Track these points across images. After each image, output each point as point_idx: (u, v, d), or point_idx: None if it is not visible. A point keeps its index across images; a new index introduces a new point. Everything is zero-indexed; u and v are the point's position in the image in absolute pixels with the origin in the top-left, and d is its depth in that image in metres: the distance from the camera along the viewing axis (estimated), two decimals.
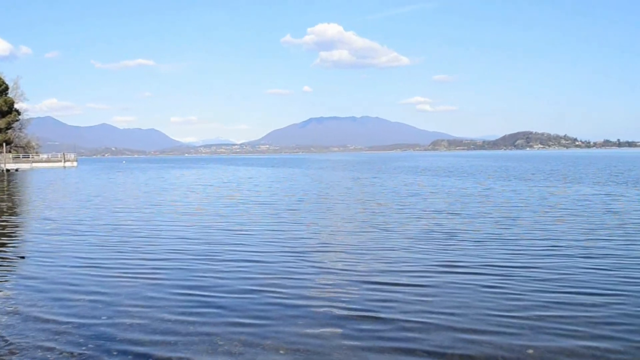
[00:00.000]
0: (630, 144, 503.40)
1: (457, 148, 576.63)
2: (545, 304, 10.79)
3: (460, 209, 27.41)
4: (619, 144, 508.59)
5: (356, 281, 12.80)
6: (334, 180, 57.74)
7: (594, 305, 10.64)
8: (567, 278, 12.78)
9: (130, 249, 17.52)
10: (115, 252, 16.96)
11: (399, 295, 11.53)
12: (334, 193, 39.80)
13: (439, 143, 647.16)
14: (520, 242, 17.72)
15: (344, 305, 10.85)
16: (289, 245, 17.67)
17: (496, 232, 19.68)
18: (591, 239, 17.91)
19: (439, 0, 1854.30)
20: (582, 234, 19.12)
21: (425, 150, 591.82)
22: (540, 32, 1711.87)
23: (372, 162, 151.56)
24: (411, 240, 18.28)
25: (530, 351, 8.48)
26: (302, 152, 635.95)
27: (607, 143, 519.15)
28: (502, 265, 14.27)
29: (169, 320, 9.99)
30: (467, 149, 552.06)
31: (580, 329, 9.36)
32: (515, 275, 13.16)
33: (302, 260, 15.21)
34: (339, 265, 14.55)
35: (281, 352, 8.55)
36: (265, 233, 20.30)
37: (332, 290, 12.02)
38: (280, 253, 16.30)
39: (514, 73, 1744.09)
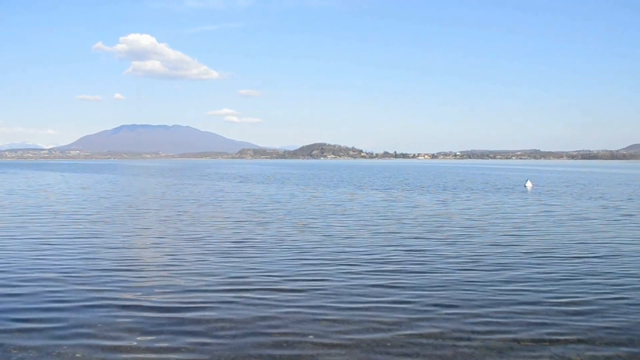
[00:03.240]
0: (404, 155, 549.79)
1: (262, 157, 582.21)
2: (323, 323, 9.42)
3: (261, 216, 25.87)
4: (396, 155, 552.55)
5: (128, 306, 10.38)
6: (143, 187, 53.42)
7: (383, 322, 9.48)
8: (357, 292, 11.59)
9: None
10: None
11: (162, 321, 9.44)
12: (140, 200, 36.21)
13: (245, 152, 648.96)
14: (313, 250, 16.51)
15: (95, 342, 8.46)
16: (62, 265, 14.29)
17: (291, 240, 18.34)
18: (376, 246, 17.29)
19: (245, 20, 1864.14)
20: (369, 240, 18.50)
21: (232, 158, 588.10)
22: (331, 54, 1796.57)
23: (183, 169, 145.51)
24: (204, 253, 16.10)
25: None
26: (114, 158, 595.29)
27: (386, 154, 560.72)
28: (294, 278, 12.78)
29: None
30: (271, 158, 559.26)
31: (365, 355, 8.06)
32: (305, 289, 11.71)
33: (71, 284, 12.15)
34: (109, 288, 11.80)
35: None
36: (45, 252, 16.53)
37: (88, 319, 9.45)
38: (46, 278, 12.84)
39: (311, 89, 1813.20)
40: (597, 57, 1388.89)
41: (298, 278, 12.84)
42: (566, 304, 10.66)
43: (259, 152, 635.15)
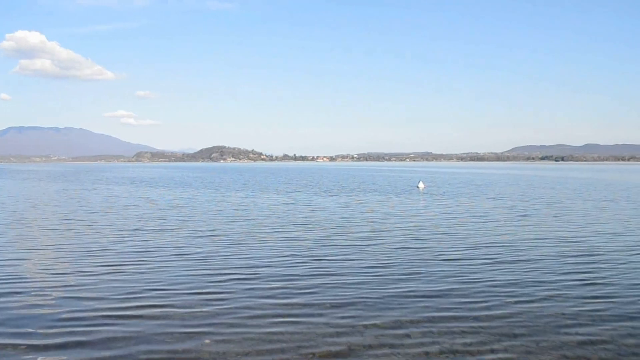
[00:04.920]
0: (303, 158, 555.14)
1: (160, 160, 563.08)
2: (218, 342, 8.53)
3: (158, 223, 24.18)
4: (295, 158, 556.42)
5: None
6: (29, 193, 49.02)
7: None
8: (259, 314, 10.72)
9: None
10: None
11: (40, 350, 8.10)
12: (24, 208, 32.91)
13: (142, 155, 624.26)
14: (213, 260, 15.41)
15: None
16: None
17: (190, 249, 17.07)
18: (280, 253, 16.48)
19: (141, 20, 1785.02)
20: (272, 247, 17.65)
21: (129, 161, 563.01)
22: (230, 57, 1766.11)
23: (76, 172, 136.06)
24: (93, 267, 14.50)
25: None
26: (0, 162, 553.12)
27: (286, 157, 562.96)
28: (191, 292, 11.66)
29: None
30: (169, 161, 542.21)
31: None
32: (203, 305, 10.65)
33: None
34: None
35: None
36: None
37: None
38: None
39: (209, 92, 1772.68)
40: (483, 64, 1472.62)
41: (195, 292, 11.75)
42: (475, 309, 10.42)
43: (157, 155, 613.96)
